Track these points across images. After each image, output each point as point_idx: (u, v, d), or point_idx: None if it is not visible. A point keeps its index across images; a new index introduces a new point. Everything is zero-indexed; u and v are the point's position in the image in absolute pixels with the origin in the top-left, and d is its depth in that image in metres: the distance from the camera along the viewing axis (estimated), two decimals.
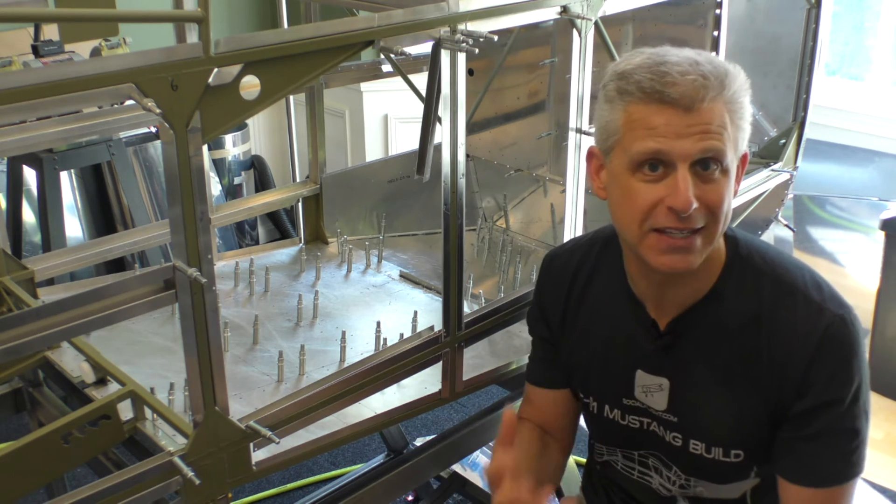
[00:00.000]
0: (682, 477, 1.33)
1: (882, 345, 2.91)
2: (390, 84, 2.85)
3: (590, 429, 1.46)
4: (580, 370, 1.39)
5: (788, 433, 1.22)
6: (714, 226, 1.15)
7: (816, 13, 2.20)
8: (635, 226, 1.16)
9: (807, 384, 1.18)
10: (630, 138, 1.14)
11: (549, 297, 1.42)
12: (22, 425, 1.75)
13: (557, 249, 1.47)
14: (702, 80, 1.10)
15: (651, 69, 1.12)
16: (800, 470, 1.22)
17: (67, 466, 1.24)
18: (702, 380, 1.26)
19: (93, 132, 1.70)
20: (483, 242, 2.24)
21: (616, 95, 1.16)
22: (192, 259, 1.13)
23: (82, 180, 3.27)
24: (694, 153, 1.11)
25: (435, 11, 1.31)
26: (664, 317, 1.27)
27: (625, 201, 1.17)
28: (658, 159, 1.13)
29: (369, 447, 2.74)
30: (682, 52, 1.15)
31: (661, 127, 1.11)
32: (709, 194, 1.13)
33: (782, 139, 2.33)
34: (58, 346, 1.54)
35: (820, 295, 1.20)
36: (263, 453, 1.33)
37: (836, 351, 1.17)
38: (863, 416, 1.20)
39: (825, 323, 1.17)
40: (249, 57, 1.10)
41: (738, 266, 1.25)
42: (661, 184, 1.13)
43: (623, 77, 1.15)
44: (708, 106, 1.11)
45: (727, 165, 1.14)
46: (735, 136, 1.14)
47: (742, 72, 1.17)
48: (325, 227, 2.14)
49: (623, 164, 1.16)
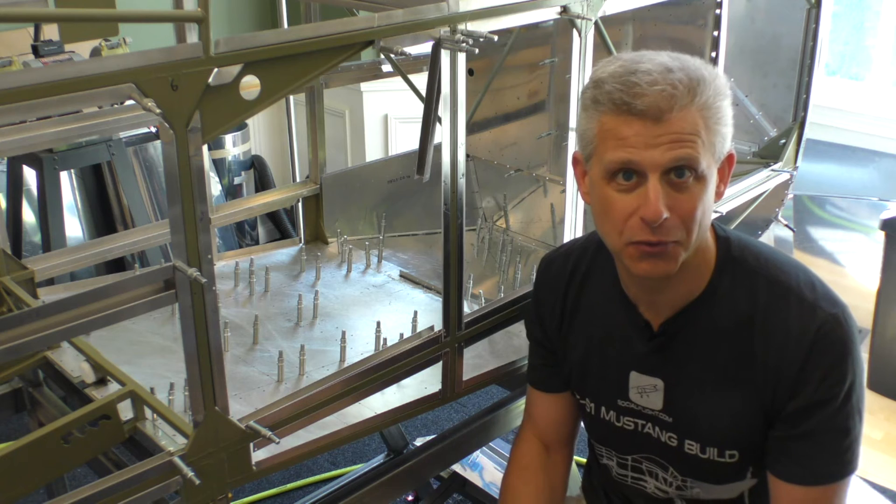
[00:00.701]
0: (679, 478, 1.33)
1: (882, 345, 2.91)
2: (390, 84, 2.85)
3: (587, 430, 1.46)
4: (577, 372, 1.40)
5: (781, 432, 1.22)
6: (687, 237, 1.15)
7: (816, 13, 2.20)
8: (615, 236, 1.18)
9: (800, 383, 1.18)
10: (603, 148, 1.16)
11: (545, 301, 1.43)
12: (22, 425, 1.74)
13: (553, 253, 1.47)
14: (670, 89, 1.10)
15: (621, 79, 1.13)
16: (791, 468, 1.22)
17: (67, 466, 1.24)
18: (696, 380, 1.26)
19: (93, 132, 1.70)
20: (483, 242, 2.24)
21: (591, 104, 1.17)
22: (192, 259, 1.13)
23: (82, 180, 3.27)
24: (664, 163, 1.12)
25: (435, 11, 1.31)
26: (657, 318, 1.28)
27: (603, 212, 1.19)
28: (630, 169, 1.13)
29: (369, 447, 2.74)
30: (658, 57, 1.15)
31: (630, 138, 1.12)
32: (682, 203, 1.13)
33: (782, 139, 2.33)
34: (58, 346, 1.54)
35: (813, 294, 1.20)
36: (263, 453, 1.33)
37: (830, 350, 1.17)
38: (856, 415, 1.20)
39: (818, 322, 1.18)
40: (249, 57, 1.10)
41: (731, 267, 1.25)
42: (633, 194, 1.14)
43: (597, 86, 1.16)
44: (678, 115, 1.11)
45: (702, 172, 1.13)
46: (711, 142, 1.14)
47: (720, 75, 1.16)
48: (325, 227, 2.14)
49: (599, 172, 1.18)
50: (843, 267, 3.53)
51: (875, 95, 3.59)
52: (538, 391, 1.48)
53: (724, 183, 1.21)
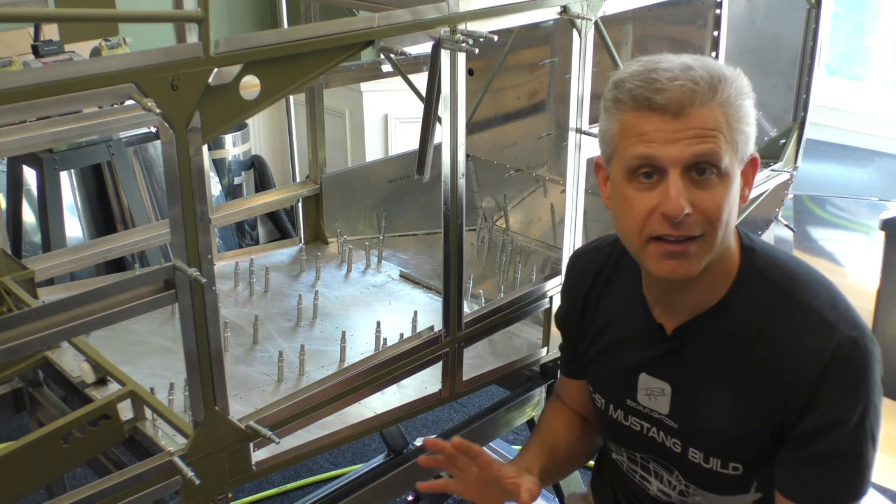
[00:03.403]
0: (683, 482, 1.33)
1: (882, 345, 2.88)
2: (390, 84, 2.85)
3: (599, 425, 1.46)
4: (592, 367, 1.41)
5: (790, 452, 1.20)
6: (712, 234, 1.14)
7: (816, 13, 2.20)
8: (635, 235, 1.17)
9: (811, 405, 1.16)
10: (624, 146, 1.15)
11: (572, 293, 1.44)
12: (22, 425, 1.74)
13: (583, 247, 1.49)
14: (691, 84, 1.10)
15: (641, 76, 1.13)
16: (798, 490, 1.20)
17: (67, 466, 1.24)
18: (703, 389, 1.25)
19: (93, 132, 1.71)
20: (483, 242, 2.24)
21: (612, 105, 1.17)
22: (192, 259, 1.13)
23: (82, 180, 3.27)
24: (684, 158, 1.11)
25: (435, 11, 1.31)
26: (672, 322, 1.27)
27: (623, 211, 1.18)
28: (650, 165, 1.13)
29: (369, 447, 2.74)
30: (679, 58, 1.15)
31: (650, 133, 1.12)
32: (704, 201, 1.12)
33: (782, 139, 2.33)
34: (58, 346, 1.54)
35: (834, 314, 1.18)
36: (263, 453, 1.33)
37: (844, 373, 1.15)
38: (868, 440, 1.17)
39: (835, 344, 1.15)
40: (249, 57, 1.10)
41: (753, 278, 1.22)
42: (655, 191, 1.13)
43: (617, 86, 1.16)
44: (699, 110, 1.10)
45: (724, 169, 1.12)
46: (734, 139, 1.13)
47: (742, 76, 1.16)
48: (325, 227, 2.14)
49: (620, 172, 1.17)
50: (843, 267, 3.53)
51: (875, 95, 3.58)
52: (565, 378, 1.52)
53: (748, 186, 1.20)
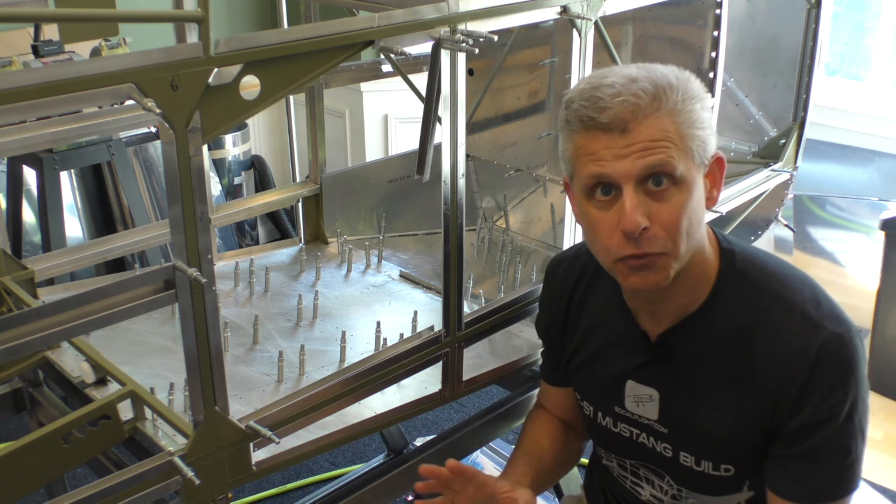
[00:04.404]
0: (675, 487, 1.33)
1: (882, 345, 2.91)
2: (390, 84, 2.85)
3: (588, 432, 1.46)
4: (577, 376, 1.41)
5: (781, 450, 1.20)
6: (674, 248, 1.14)
7: (816, 13, 2.20)
8: (604, 255, 1.19)
9: (801, 402, 1.16)
10: (578, 166, 1.17)
11: (551, 302, 1.44)
12: (22, 425, 1.75)
13: (561, 255, 1.47)
14: (633, 99, 1.10)
15: (585, 95, 1.14)
16: (790, 486, 1.20)
17: (67, 466, 1.24)
18: (691, 393, 1.25)
19: (93, 132, 1.70)
20: (483, 242, 2.24)
21: (564, 126, 1.18)
22: (192, 259, 1.13)
23: (82, 180, 3.27)
24: (635, 171, 1.11)
25: (435, 11, 1.31)
26: (656, 328, 1.27)
27: (589, 231, 1.20)
28: (605, 183, 1.14)
29: (369, 447, 2.74)
30: (626, 69, 1.15)
31: (600, 151, 1.13)
32: (662, 212, 1.12)
33: (782, 139, 2.33)
34: (58, 346, 1.54)
35: (818, 311, 1.18)
36: (263, 453, 1.33)
37: (832, 369, 1.15)
38: (858, 435, 1.17)
39: (821, 341, 1.15)
40: (249, 57, 1.10)
41: (734, 280, 1.23)
42: (613, 209, 1.14)
43: (567, 106, 1.17)
44: (643, 123, 1.11)
45: (681, 177, 1.12)
46: (687, 146, 1.13)
47: (692, 80, 1.16)
48: (325, 227, 2.14)
49: (580, 191, 1.18)
50: (843, 267, 3.53)
51: (875, 95, 3.58)
52: (548, 384, 1.51)
53: (716, 188, 1.20)
